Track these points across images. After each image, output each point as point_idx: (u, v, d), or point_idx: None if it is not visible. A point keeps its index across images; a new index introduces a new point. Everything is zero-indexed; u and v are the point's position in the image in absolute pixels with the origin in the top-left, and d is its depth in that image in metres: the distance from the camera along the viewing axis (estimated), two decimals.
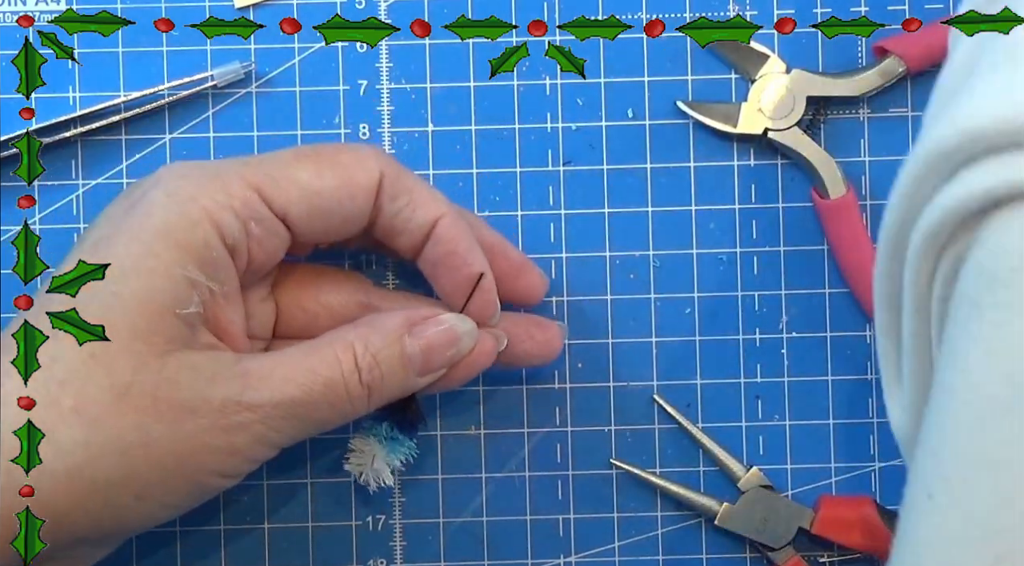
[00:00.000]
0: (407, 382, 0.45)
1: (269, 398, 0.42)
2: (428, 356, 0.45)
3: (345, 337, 0.44)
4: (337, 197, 0.44)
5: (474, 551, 0.53)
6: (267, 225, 0.44)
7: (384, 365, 0.44)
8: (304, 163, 0.44)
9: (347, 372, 0.43)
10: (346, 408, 0.44)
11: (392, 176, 0.45)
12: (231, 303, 0.44)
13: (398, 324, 0.45)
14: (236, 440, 0.42)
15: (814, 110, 0.53)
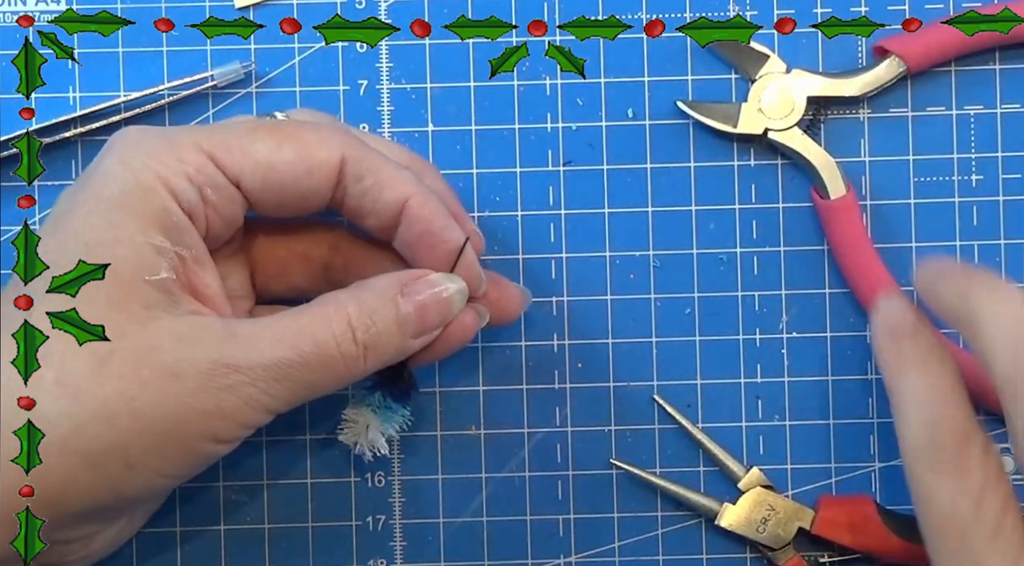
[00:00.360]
0: (403, 343, 0.44)
1: (258, 360, 0.41)
2: (422, 316, 0.44)
3: (337, 298, 0.44)
4: (293, 173, 0.43)
5: (474, 551, 0.53)
6: (223, 192, 0.43)
7: (380, 324, 0.43)
8: (262, 134, 0.44)
9: (339, 332, 0.43)
10: (340, 369, 0.43)
11: (356, 157, 0.44)
12: (203, 267, 0.43)
13: (390, 284, 0.44)
14: (225, 403, 0.41)
15: (814, 110, 0.53)
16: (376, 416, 0.47)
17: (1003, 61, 0.53)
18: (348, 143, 0.44)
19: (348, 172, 0.44)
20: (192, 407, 0.41)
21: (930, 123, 0.53)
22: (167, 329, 0.41)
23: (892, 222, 0.53)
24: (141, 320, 0.41)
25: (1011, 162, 0.53)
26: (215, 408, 0.41)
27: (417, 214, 0.45)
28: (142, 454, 0.41)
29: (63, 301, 0.40)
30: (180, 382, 0.41)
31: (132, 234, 0.41)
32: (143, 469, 0.41)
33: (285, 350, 0.42)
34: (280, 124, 0.45)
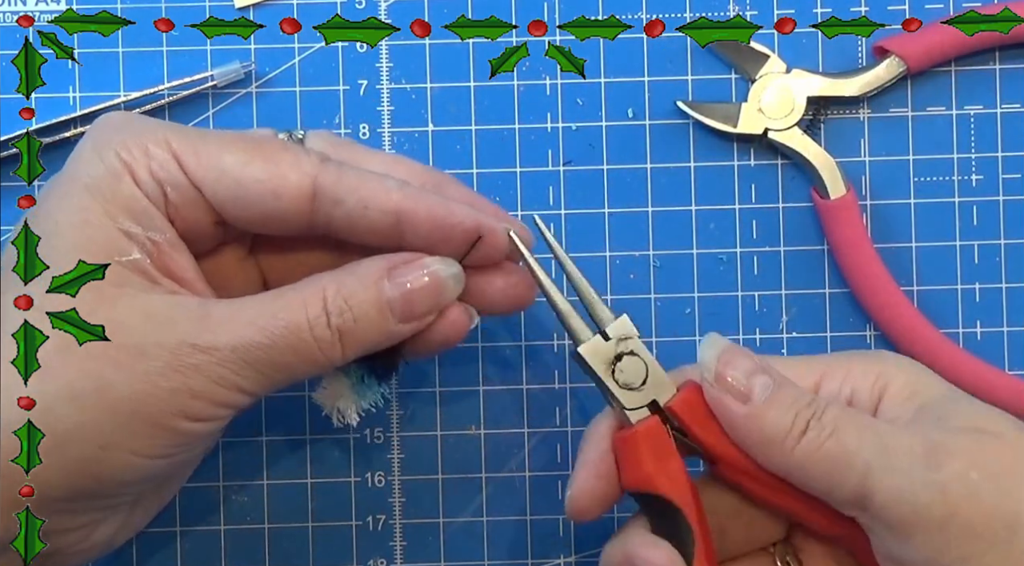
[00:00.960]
0: (386, 328, 0.43)
1: (227, 341, 0.41)
2: (409, 301, 0.43)
3: (318, 281, 0.43)
4: (258, 191, 0.42)
5: (474, 551, 0.53)
6: (183, 193, 0.42)
7: (357, 309, 0.42)
8: (236, 147, 0.43)
9: (312, 316, 0.42)
10: (314, 354, 0.42)
11: (331, 181, 0.43)
12: (177, 251, 0.43)
13: (377, 267, 0.43)
14: (193, 382, 0.41)
15: (814, 110, 0.53)
16: (351, 389, 0.46)
17: (1003, 61, 0.53)
18: (324, 168, 0.43)
19: (324, 197, 0.43)
20: (159, 385, 0.40)
21: (930, 123, 0.53)
22: (138, 307, 0.41)
23: (892, 222, 0.53)
24: (111, 298, 0.41)
25: (1011, 162, 0.53)
26: (183, 386, 0.41)
27: (414, 216, 0.43)
28: (112, 434, 0.40)
29: (63, 300, 0.40)
30: (147, 361, 0.40)
31: (100, 218, 0.41)
32: (116, 449, 0.41)
33: (254, 333, 0.41)
34: (261, 142, 0.44)
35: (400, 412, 0.53)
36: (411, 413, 0.53)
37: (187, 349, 0.41)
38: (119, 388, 0.40)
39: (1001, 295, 0.53)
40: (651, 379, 0.44)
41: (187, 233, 0.44)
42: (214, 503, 0.52)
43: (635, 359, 0.44)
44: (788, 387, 0.42)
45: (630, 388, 0.44)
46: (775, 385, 0.41)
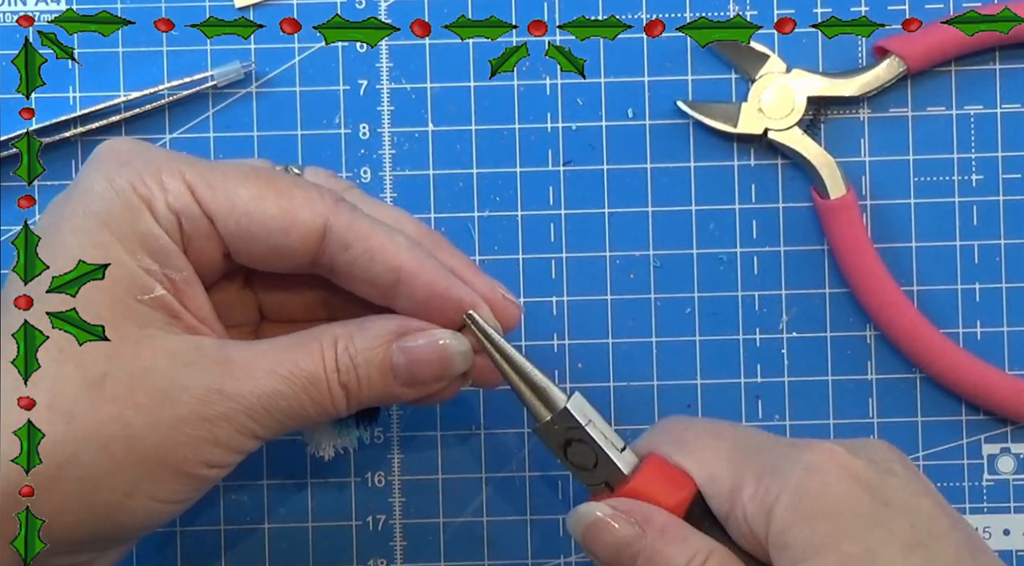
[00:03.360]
0: (389, 390, 0.43)
1: (252, 389, 0.41)
2: (414, 369, 0.43)
3: (333, 332, 0.43)
4: (269, 226, 0.42)
5: (474, 551, 0.53)
6: (198, 225, 0.42)
7: (361, 369, 0.42)
8: (250, 182, 0.42)
9: (330, 369, 0.42)
10: (327, 405, 0.42)
11: (342, 223, 0.42)
12: (194, 289, 0.43)
13: (388, 330, 0.43)
14: (218, 431, 0.41)
15: (814, 110, 0.53)
16: (332, 427, 0.46)
17: (1003, 61, 0.53)
18: (337, 210, 0.43)
19: (332, 239, 0.42)
20: (186, 433, 0.40)
21: (930, 123, 0.53)
22: (162, 349, 0.41)
23: (892, 222, 0.53)
24: (136, 339, 0.41)
25: (1011, 162, 0.53)
26: (209, 434, 0.41)
27: (414, 281, 0.43)
28: (138, 481, 0.40)
29: (63, 301, 0.40)
30: (175, 407, 0.40)
31: (120, 255, 0.41)
32: (140, 496, 0.40)
33: (278, 382, 0.41)
34: (273, 177, 0.43)
35: (400, 412, 0.53)
36: (411, 413, 0.53)
37: (215, 396, 0.41)
38: (147, 436, 0.40)
39: (1001, 295, 0.53)
40: (601, 463, 0.44)
41: (198, 267, 0.43)
42: (214, 503, 0.52)
43: (583, 446, 0.44)
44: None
45: (584, 469, 0.44)
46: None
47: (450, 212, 0.53)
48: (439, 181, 0.53)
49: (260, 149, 0.53)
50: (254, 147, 0.53)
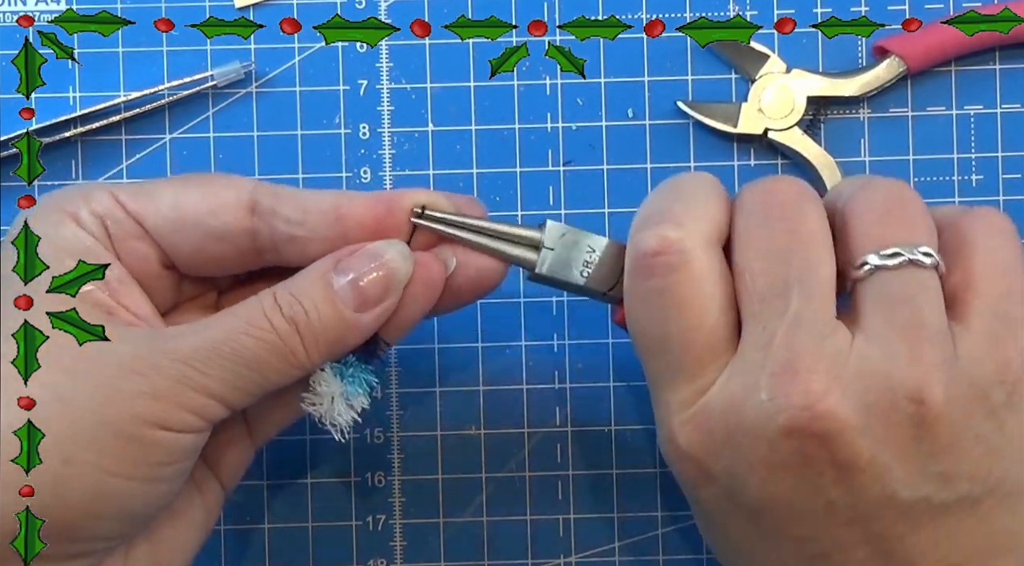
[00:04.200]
0: (343, 319, 0.42)
1: (189, 342, 0.40)
2: (359, 289, 0.42)
3: (268, 289, 0.43)
4: (196, 211, 0.43)
5: (474, 551, 0.53)
6: (125, 226, 0.43)
7: (307, 302, 0.42)
8: (171, 182, 0.44)
9: (269, 307, 0.41)
10: (279, 346, 0.41)
11: (267, 193, 0.43)
12: (128, 288, 0.43)
13: (322, 263, 0.43)
14: (157, 383, 0.40)
15: (814, 110, 0.53)
16: (339, 380, 0.44)
17: (1003, 61, 0.53)
18: (258, 184, 0.44)
19: (262, 209, 0.43)
20: (122, 389, 0.39)
21: (930, 123, 0.53)
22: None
23: None
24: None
25: (1011, 162, 0.53)
26: (148, 388, 0.39)
27: (351, 206, 0.43)
28: (75, 446, 0.39)
29: (63, 301, 0.40)
30: (107, 367, 0.40)
31: (49, 261, 0.41)
32: (82, 464, 0.39)
33: (214, 332, 0.41)
34: (193, 174, 0.45)
35: (400, 412, 0.53)
36: (411, 413, 0.53)
37: (147, 353, 0.40)
38: (80, 397, 0.39)
39: None
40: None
41: (138, 274, 0.44)
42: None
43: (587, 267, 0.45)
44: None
45: (600, 292, 0.45)
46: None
47: None
48: (439, 181, 0.53)
49: (260, 149, 0.53)
50: (254, 147, 0.53)
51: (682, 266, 0.41)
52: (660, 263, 0.41)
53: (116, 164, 0.53)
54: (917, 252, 0.40)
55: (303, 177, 0.53)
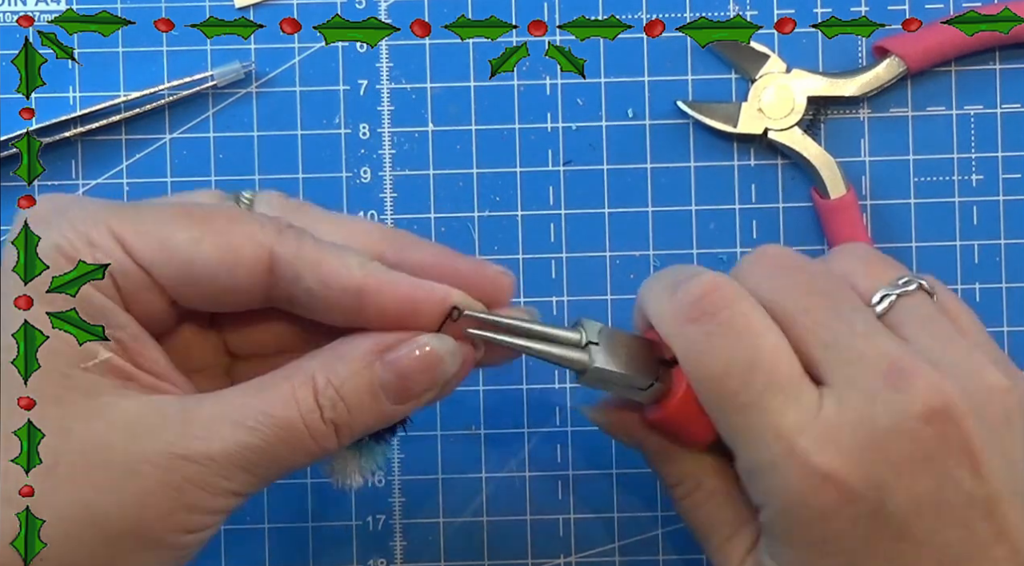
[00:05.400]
0: (383, 412, 0.40)
1: (220, 448, 0.38)
2: (404, 383, 0.40)
3: (306, 368, 0.40)
4: (211, 268, 0.39)
5: (474, 551, 0.53)
6: (134, 278, 0.39)
7: (350, 398, 0.39)
8: (184, 223, 0.39)
9: (306, 411, 0.39)
10: (311, 448, 0.39)
11: (289, 254, 0.39)
12: (143, 344, 0.40)
13: (367, 350, 0.40)
14: (187, 496, 0.38)
15: (814, 110, 0.53)
16: (355, 458, 0.43)
17: (1003, 61, 0.53)
18: (282, 239, 0.40)
19: (281, 271, 0.39)
20: (153, 506, 0.38)
21: (930, 123, 0.53)
22: (116, 418, 0.38)
23: (892, 222, 0.53)
24: (86, 414, 0.38)
25: (1011, 162, 0.53)
26: (178, 503, 0.38)
27: (378, 298, 0.40)
28: (112, 561, 0.38)
29: (63, 301, 0.40)
30: (137, 480, 0.38)
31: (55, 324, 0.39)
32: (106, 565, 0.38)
33: (245, 434, 0.38)
34: (210, 213, 0.40)
35: None
36: None
37: (178, 462, 0.38)
38: (112, 515, 0.38)
39: (1001, 295, 0.53)
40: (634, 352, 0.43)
41: (145, 319, 0.40)
42: None
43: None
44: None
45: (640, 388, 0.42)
46: None
47: (450, 212, 0.53)
48: (439, 181, 0.53)
49: (260, 149, 0.53)
50: (254, 147, 0.53)
51: (735, 298, 0.40)
52: (714, 301, 0.40)
53: (116, 164, 0.53)
54: (919, 280, 0.42)
55: (303, 177, 0.53)
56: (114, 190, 0.53)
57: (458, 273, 0.42)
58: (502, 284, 0.42)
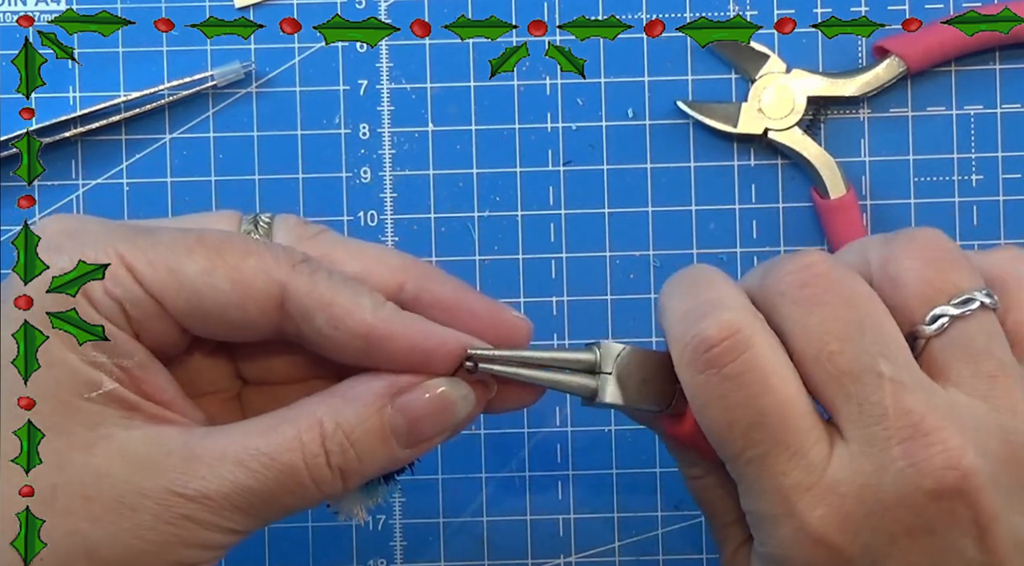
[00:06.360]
0: (392, 456, 0.40)
1: (217, 488, 0.38)
2: (416, 427, 0.39)
3: (313, 411, 0.39)
4: (221, 302, 0.38)
5: (474, 551, 0.53)
6: (144, 308, 0.39)
7: (360, 444, 0.39)
8: (197, 254, 0.39)
9: (310, 456, 0.38)
10: (312, 494, 0.39)
11: (301, 292, 0.38)
12: (151, 372, 0.39)
13: (378, 392, 0.39)
14: (183, 532, 0.38)
15: (814, 110, 0.53)
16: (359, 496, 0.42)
17: (1003, 61, 0.53)
18: (295, 276, 0.39)
19: (293, 309, 0.39)
20: (149, 539, 0.38)
21: (930, 123, 0.53)
22: (118, 450, 0.38)
23: (892, 222, 0.53)
24: (87, 443, 0.38)
25: (1011, 162, 0.53)
26: (175, 538, 0.38)
27: (388, 344, 0.39)
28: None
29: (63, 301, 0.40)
30: (134, 514, 0.37)
31: (61, 352, 0.38)
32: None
33: (246, 476, 0.38)
34: (223, 244, 0.39)
35: None
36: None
37: (175, 499, 0.38)
38: (106, 548, 0.37)
39: None
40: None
41: (154, 345, 0.40)
42: None
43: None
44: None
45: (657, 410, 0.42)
46: None
47: (450, 212, 0.53)
48: (439, 181, 0.53)
49: (260, 149, 0.53)
50: (254, 147, 0.53)
51: (752, 343, 0.38)
52: (728, 347, 0.38)
53: (116, 164, 0.53)
54: (982, 295, 0.39)
55: (303, 177, 0.53)
56: (114, 190, 0.53)
57: (475, 315, 0.41)
58: (520, 331, 0.41)
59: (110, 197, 0.53)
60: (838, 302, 0.39)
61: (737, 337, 0.38)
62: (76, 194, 0.53)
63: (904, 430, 0.37)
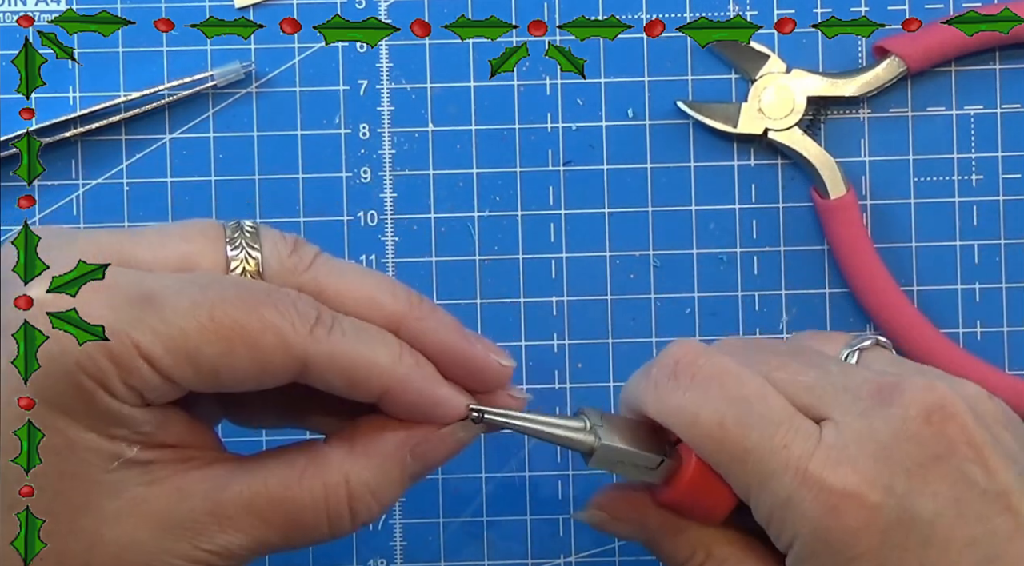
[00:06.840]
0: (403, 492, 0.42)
1: (240, 543, 0.40)
2: (427, 467, 0.42)
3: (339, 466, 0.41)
4: (239, 379, 0.39)
5: (474, 551, 0.53)
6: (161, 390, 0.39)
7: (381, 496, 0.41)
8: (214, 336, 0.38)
9: (334, 514, 0.41)
10: (325, 537, 0.41)
11: (321, 359, 0.39)
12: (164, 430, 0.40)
13: (399, 445, 0.41)
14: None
15: (814, 110, 0.53)
16: None
17: (1003, 61, 0.53)
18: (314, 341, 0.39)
19: (311, 372, 0.39)
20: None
21: (930, 123, 0.53)
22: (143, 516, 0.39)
23: (892, 222, 0.53)
24: (115, 516, 0.39)
25: (1011, 162, 0.53)
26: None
27: (402, 398, 0.40)
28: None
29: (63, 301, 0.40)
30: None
31: (82, 435, 0.38)
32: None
33: (269, 533, 0.40)
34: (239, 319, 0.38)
35: None
36: None
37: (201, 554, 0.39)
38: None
39: (1001, 295, 0.53)
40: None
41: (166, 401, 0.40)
42: None
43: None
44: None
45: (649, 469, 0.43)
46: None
47: (450, 212, 0.53)
48: (439, 181, 0.53)
49: (260, 149, 0.53)
50: (254, 147, 0.53)
51: (708, 352, 0.42)
52: (689, 360, 0.42)
53: (116, 164, 0.53)
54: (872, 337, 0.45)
55: (303, 177, 0.53)
56: (114, 190, 0.53)
57: (468, 361, 0.42)
58: (505, 375, 0.43)
59: (110, 197, 0.53)
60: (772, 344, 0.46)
61: (692, 349, 0.42)
62: (76, 194, 0.53)
63: (878, 385, 0.41)
